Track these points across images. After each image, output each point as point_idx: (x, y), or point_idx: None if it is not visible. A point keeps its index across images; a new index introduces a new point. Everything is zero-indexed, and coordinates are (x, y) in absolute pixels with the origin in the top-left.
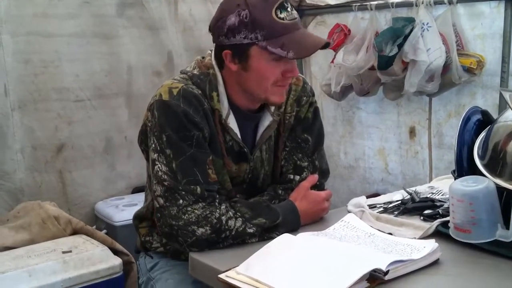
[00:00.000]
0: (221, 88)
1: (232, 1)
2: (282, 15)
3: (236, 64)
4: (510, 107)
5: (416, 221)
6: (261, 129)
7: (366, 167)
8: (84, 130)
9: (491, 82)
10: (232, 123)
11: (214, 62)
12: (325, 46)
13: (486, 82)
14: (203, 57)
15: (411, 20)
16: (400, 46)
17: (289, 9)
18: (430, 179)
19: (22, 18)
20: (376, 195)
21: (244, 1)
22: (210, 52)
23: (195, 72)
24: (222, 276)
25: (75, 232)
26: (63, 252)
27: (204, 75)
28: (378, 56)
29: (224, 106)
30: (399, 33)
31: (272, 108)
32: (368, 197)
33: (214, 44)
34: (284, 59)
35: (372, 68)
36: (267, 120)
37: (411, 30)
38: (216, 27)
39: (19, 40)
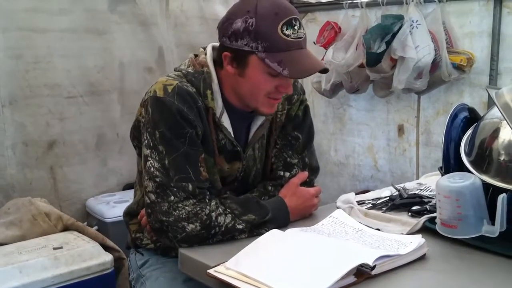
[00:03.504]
0: (216, 86)
1: (244, 5)
2: (287, 32)
3: (234, 68)
4: (496, 104)
5: (404, 217)
6: (254, 128)
7: (356, 164)
8: (76, 126)
9: (478, 80)
10: (226, 121)
11: (209, 60)
12: (323, 71)
13: (474, 80)
14: (196, 55)
15: (400, 18)
16: (389, 43)
17: (296, 27)
18: (417, 177)
19: (13, 13)
20: (366, 191)
21: (254, 9)
22: (202, 50)
23: (190, 70)
24: (211, 271)
25: (66, 228)
26: (54, 248)
27: (199, 73)
28: (366, 53)
29: (218, 105)
30: (388, 30)
31: None
32: (357, 193)
33: (219, 42)
34: (280, 75)
35: (361, 66)
36: (260, 119)
37: (400, 28)
38: (223, 27)
39: (10, 35)
